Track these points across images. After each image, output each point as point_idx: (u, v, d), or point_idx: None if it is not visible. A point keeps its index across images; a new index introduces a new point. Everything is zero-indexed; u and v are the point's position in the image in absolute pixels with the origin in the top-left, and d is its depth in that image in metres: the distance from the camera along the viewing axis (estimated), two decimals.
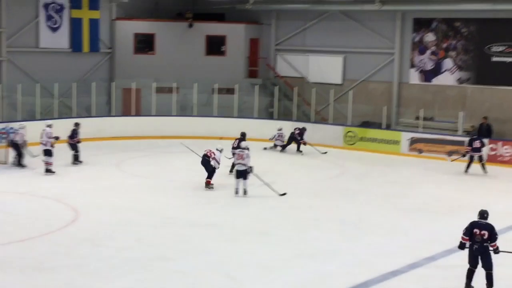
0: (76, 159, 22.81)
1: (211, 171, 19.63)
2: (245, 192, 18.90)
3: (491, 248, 11.87)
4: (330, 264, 13.56)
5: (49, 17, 29.60)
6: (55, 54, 29.88)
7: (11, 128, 23.97)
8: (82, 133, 23.47)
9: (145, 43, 32.70)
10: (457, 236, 14.70)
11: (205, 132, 29.01)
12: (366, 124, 29.48)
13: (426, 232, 16.19)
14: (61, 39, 30.09)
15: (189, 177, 21.31)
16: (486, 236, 11.78)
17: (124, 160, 24.21)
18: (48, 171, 21.29)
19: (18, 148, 22.11)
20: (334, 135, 28.69)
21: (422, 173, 23.72)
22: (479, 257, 11.85)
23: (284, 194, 19.16)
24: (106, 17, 31.56)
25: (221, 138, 28.58)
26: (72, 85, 28.59)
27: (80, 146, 23.04)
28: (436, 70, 29.33)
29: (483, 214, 12.08)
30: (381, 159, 26.24)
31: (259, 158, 22.26)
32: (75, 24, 30.34)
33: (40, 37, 29.43)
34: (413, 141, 27.18)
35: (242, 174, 18.96)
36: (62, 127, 23.54)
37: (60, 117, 27.62)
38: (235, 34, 32.93)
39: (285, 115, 31.25)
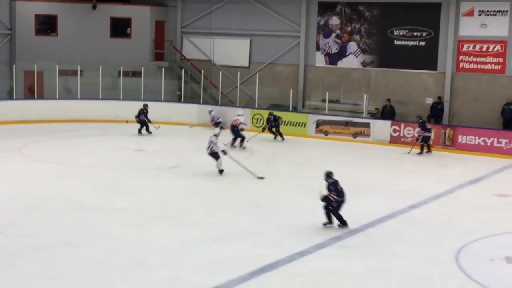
0: None
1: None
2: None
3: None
4: (239, 246, 13.61)
5: None
6: None
7: None
8: None
9: (47, 25, 31.80)
10: (366, 216, 15.12)
11: (111, 116, 28.56)
12: (273, 107, 29.68)
13: None
14: None
15: (94, 162, 20.94)
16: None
17: (27, 145, 23.54)
18: None
19: None
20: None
21: (328, 155, 24.11)
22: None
23: (262, 178, 19.20)
24: None
25: (127, 122, 28.30)
26: None
27: None
28: (341, 53, 29.81)
29: (331, 175, 14.81)
30: (288, 141, 26.49)
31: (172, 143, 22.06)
32: None
33: None
34: (319, 123, 27.57)
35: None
36: None
37: None
38: (141, 16, 32.49)
39: (192, 98, 31.11)
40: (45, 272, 11.87)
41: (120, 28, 32.46)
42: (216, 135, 19.99)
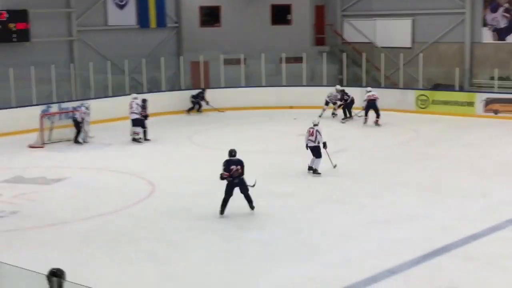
0: (145, 136, 22.99)
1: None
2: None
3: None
4: (408, 229, 13.40)
5: None
6: (124, 31, 30.25)
7: (83, 106, 24.39)
8: (155, 108, 23.73)
9: (210, 16, 32.75)
10: None
11: (275, 102, 28.97)
12: (438, 87, 28.88)
13: (508, 193, 15.80)
14: (129, 16, 30.43)
15: (262, 148, 21.35)
16: (240, 170, 14.13)
17: (196, 133, 24.39)
18: (135, 140, 22.19)
19: (78, 125, 22.53)
20: (405, 100, 28.22)
21: (499, 135, 23.15)
22: (238, 187, 14.23)
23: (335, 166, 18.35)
24: None
25: (291, 108, 28.60)
26: (142, 61, 28.88)
27: (148, 122, 23.22)
28: (510, 28, 28.44)
29: (232, 153, 14.35)
30: (455, 121, 25.70)
31: (328, 127, 22.10)
32: (142, 0, 30.58)
33: (108, 15, 29.84)
34: (488, 102, 26.50)
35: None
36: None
37: (131, 93, 27.89)
38: (300, 2, 32.63)
39: (355, 82, 30.89)
40: (216, 254, 12.29)
41: (280, 15, 32.81)
42: (315, 125, 18.05)
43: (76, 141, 22.34)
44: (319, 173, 17.72)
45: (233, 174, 14.11)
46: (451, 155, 19.99)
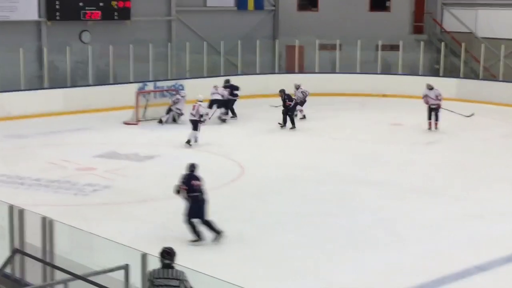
0: (233, 113, 23.61)
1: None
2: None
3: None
4: (501, 225, 13.02)
5: None
6: (221, 12, 30.48)
7: (180, 85, 24.76)
8: (248, 91, 23.81)
9: (308, 0, 32.56)
10: None
11: (369, 90, 28.61)
12: None
13: None
14: None
15: (352, 135, 21.14)
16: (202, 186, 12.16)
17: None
18: (223, 120, 22.81)
19: (169, 109, 22.96)
20: (504, 93, 27.31)
21: None
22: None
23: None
24: None
25: (384, 96, 28.20)
26: (238, 42, 29.03)
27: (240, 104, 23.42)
28: None
29: (192, 167, 12.28)
30: None
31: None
32: None
33: None
34: None
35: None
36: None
37: (226, 74, 28.13)
38: None
39: (451, 72, 30.13)
40: (304, 238, 12.28)
41: (379, 1, 32.31)
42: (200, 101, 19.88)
43: (159, 120, 22.71)
44: (190, 145, 18.98)
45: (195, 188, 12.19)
46: None
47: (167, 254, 8.04)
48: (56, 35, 25.85)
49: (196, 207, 12.04)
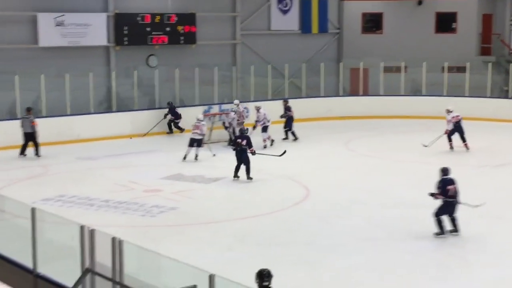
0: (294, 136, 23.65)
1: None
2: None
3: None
4: None
5: (280, 0, 30.46)
6: (285, 35, 30.74)
7: (245, 108, 25.03)
8: (312, 113, 23.83)
9: (372, 23, 32.58)
10: None
11: (434, 112, 28.29)
12: None
13: None
14: (291, 21, 30.86)
15: (415, 158, 20.96)
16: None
17: (352, 140, 24.31)
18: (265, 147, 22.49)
19: (226, 129, 23.29)
20: None
21: None
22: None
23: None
24: None
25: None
26: (302, 65, 29.18)
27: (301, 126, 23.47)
28: None
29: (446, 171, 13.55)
30: None
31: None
32: (305, 6, 30.95)
33: (271, 19, 30.42)
34: None
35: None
36: (294, 107, 24.36)
37: (290, 97, 28.28)
38: (467, 10, 31.66)
39: None
40: (370, 262, 12.22)
41: (445, 23, 32.03)
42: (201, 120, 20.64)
43: (229, 143, 22.89)
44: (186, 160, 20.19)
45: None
46: None
47: (268, 276, 8.04)
48: (124, 59, 26.51)
49: (449, 207, 13.28)
